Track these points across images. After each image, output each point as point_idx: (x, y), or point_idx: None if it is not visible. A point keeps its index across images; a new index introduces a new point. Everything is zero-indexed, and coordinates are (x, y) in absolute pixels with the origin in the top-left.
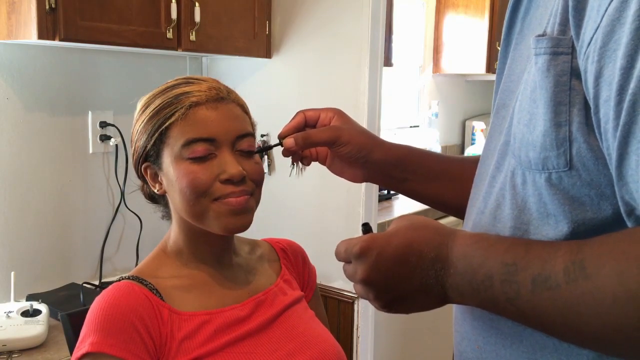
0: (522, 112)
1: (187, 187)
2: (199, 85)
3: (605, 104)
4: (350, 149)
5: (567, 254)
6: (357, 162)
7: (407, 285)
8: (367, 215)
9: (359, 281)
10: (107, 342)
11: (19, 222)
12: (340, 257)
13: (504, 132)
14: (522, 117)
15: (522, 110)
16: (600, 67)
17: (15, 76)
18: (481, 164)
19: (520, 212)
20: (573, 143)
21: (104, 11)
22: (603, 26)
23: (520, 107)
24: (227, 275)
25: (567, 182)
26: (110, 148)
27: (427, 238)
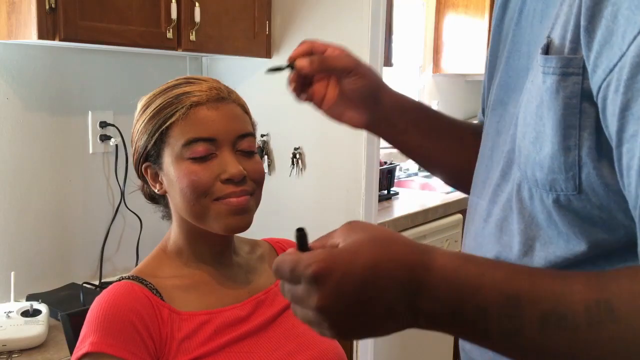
0: (527, 127)
1: (187, 187)
2: (199, 85)
3: (631, 139)
4: (365, 82)
5: (587, 290)
6: (365, 101)
7: (371, 312)
8: (367, 215)
9: (313, 308)
10: (107, 342)
11: (19, 222)
12: (283, 277)
13: (507, 137)
14: (527, 133)
15: (527, 126)
16: (628, 100)
17: (15, 76)
18: (480, 162)
19: (529, 227)
20: (582, 168)
21: (104, 11)
22: (632, 56)
23: (525, 121)
24: (227, 275)
25: (576, 204)
26: (110, 148)
27: (397, 256)
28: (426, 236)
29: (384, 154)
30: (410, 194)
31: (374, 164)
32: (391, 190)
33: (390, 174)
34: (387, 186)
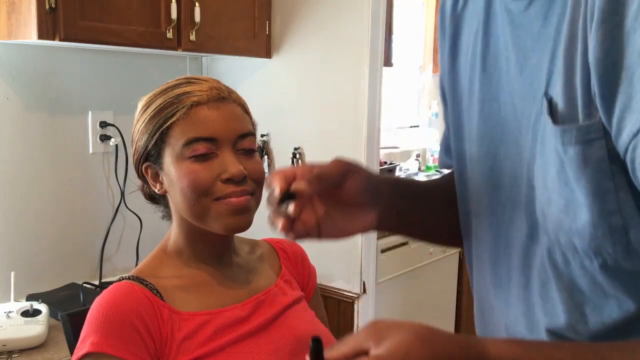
0: (551, 194)
1: (188, 186)
2: (200, 85)
3: None
4: (362, 175)
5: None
6: (369, 196)
7: None
8: None
9: None
10: (107, 342)
11: (19, 222)
12: None
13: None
14: (553, 200)
15: (551, 192)
16: None
17: (15, 76)
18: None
19: (571, 294)
20: (630, 230)
21: (104, 11)
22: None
23: (546, 186)
24: (227, 275)
25: (626, 265)
26: (110, 148)
27: (452, 353)
28: None
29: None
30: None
31: (374, 164)
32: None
33: (390, 173)
34: None
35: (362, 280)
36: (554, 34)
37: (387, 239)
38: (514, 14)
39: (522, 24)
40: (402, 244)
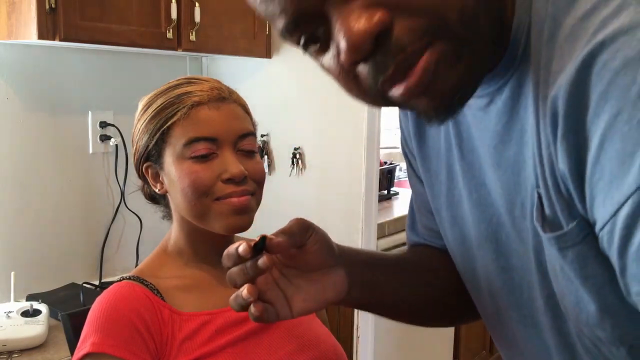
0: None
1: (188, 186)
2: (200, 85)
3: None
4: (323, 234)
5: None
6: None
7: None
8: (367, 215)
9: None
10: (108, 343)
11: (19, 222)
12: None
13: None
14: (565, 294)
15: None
16: (624, 264)
17: (15, 76)
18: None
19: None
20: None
21: (104, 11)
22: None
23: (556, 278)
24: None
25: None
26: (110, 148)
27: None
28: None
29: (384, 154)
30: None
31: (374, 164)
32: (391, 190)
33: (390, 174)
34: (387, 186)
35: None
36: (530, 131)
37: (387, 239)
38: (473, 110)
39: (483, 121)
40: (402, 244)
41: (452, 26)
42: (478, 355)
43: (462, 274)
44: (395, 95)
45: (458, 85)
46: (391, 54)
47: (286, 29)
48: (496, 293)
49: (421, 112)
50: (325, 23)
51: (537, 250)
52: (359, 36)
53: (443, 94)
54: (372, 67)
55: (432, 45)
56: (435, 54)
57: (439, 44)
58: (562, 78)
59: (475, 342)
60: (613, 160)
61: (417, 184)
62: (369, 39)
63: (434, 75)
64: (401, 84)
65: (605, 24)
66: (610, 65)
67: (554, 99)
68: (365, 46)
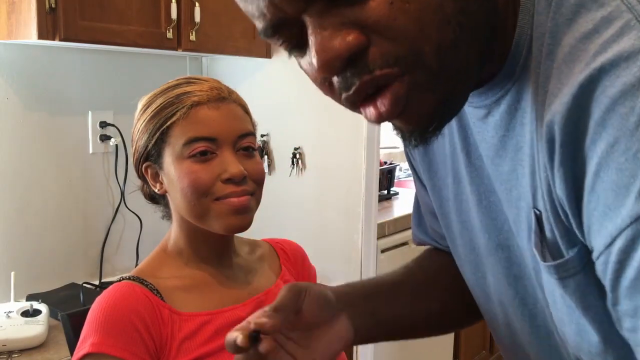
0: (562, 315)
1: (188, 186)
2: (200, 85)
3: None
4: (318, 289)
5: None
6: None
7: None
8: (367, 215)
9: None
10: (107, 343)
11: (19, 222)
12: None
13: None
14: (565, 322)
15: (562, 313)
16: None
17: (15, 76)
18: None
19: None
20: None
21: (104, 11)
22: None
23: (555, 305)
24: (228, 275)
25: None
26: (110, 148)
27: None
28: None
29: (384, 154)
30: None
31: (374, 164)
32: (391, 190)
33: (390, 174)
34: (387, 186)
35: None
36: (526, 149)
37: (387, 239)
38: (474, 118)
39: (482, 131)
40: (402, 244)
41: (427, 59)
42: (478, 355)
43: (470, 281)
44: (367, 116)
45: (432, 112)
46: (360, 74)
47: (264, 33)
48: (508, 302)
49: (397, 131)
50: (303, 28)
51: (535, 270)
52: (330, 56)
53: (416, 119)
54: (340, 81)
55: (402, 77)
56: (405, 85)
57: (411, 75)
58: (558, 103)
59: (475, 342)
60: (608, 191)
61: (421, 190)
62: (339, 60)
63: (407, 104)
64: (372, 107)
65: (605, 47)
66: (609, 92)
67: (550, 125)
68: (335, 65)
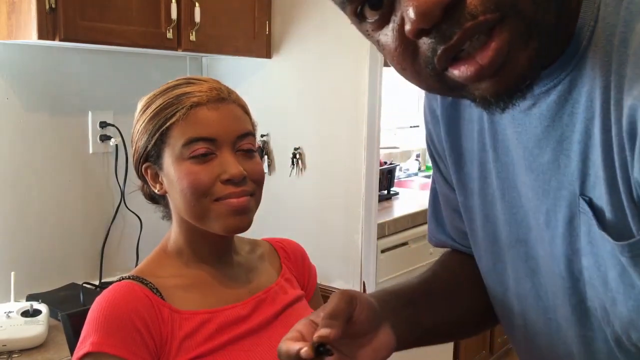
0: (615, 294)
1: (188, 187)
2: (200, 86)
3: None
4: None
5: None
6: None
7: None
8: (367, 215)
9: None
10: (108, 342)
11: (19, 222)
12: None
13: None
14: (618, 300)
15: (615, 293)
16: None
17: (15, 76)
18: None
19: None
20: None
21: (104, 11)
22: None
23: (608, 286)
24: (228, 274)
25: None
26: (110, 148)
27: None
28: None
29: (384, 154)
30: (410, 194)
31: (374, 164)
32: (391, 190)
33: (390, 174)
34: (387, 186)
35: (362, 280)
36: (575, 135)
37: (387, 239)
38: (515, 111)
39: (523, 123)
40: (402, 244)
41: (524, 4)
42: (478, 355)
43: (489, 274)
44: (461, 76)
45: (527, 68)
46: (459, 22)
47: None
48: (524, 296)
49: (478, 98)
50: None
51: (569, 258)
52: (430, 3)
53: (511, 77)
54: (435, 36)
55: (502, 23)
56: (507, 32)
57: (510, 22)
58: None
59: (475, 342)
60: None
61: (444, 185)
62: (440, 8)
63: (506, 56)
64: (470, 64)
65: None
66: None
67: (632, 108)
68: (434, 13)
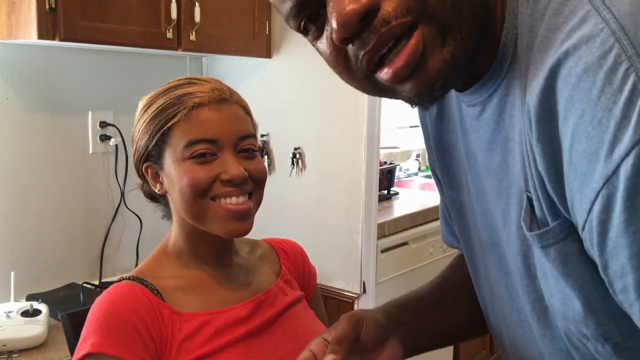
0: (550, 287)
1: (187, 186)
2: (201, 86)
3: (622, 293)
4: (371, 316)
5: None
6: (386, 333)
7: None
8: (367, 215)
9: None
10: (107, 343)
11: (19, 222)
12: None
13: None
14: (553, 293)
15: (550, 286)
16: (605, 261)
17: (15, 76)
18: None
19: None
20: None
21: (104, 11)
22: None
23: (546, 280)
24: (228, 275)
25: (638, 344)
26: (110, 148)
27: None
28: (426, 236)
29: (384, 154)
30: (410, 194)
31: (374, 164)
32: (391, 190)
33: (390, 174)
34: (387, 186)
35: (362, 280)
36: (516, 136)
37: (387, 239)
38: (470, 118)
39: (477, 129)
40: (402, 244)
41: (434, 10)
42: (478, 355)
43: (481, 280)
44: (383, 78)
45: (442, 70)
46: (376, 29)
47: (291, 12)
48: (502, 298)
49: (405, 98)
50: (323, 7)
51: (524, 255)
52: (346, 15)
53: (428, 78)
54: (357, 43)
55: (415, 28)
56: (419, 36)
57: (422, 28)
58: (534, 86)
59: (475, 342)
60: (582, 159)
61: (442, 193)
62: (356, 18)
63: (420, 58)
64: (389, 67)
65: (570, 34)
66: (574, 72)
67: (528, 105)
68: (352, 22)
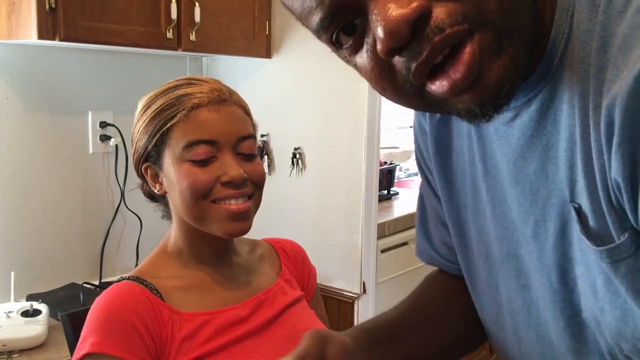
0: (603, 303)
1: (187, 189)
2: (201, 87)
3: None
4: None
5: None
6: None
7: None
8: (367, 215)
9: None
10: (107, 343)
11: (19, 222)
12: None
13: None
14: (606, 309)
15: (603, 302)
16: None
17: (15, 76)
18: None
19: None
20: None
21: (104, 11)
22: None
23: (596, 295)
24: (228, 275)
25: None
26: (110, 148)
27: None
28: None
29: (384, 154)
30: (410, 194)
31: (374, 164)
32: (391, 190)
33: (390, 174)
34: (387, 186)
35: (362, 280)
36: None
37: (387, 239)
38: (497, 124)
39: (506, 135)
40: (402, 244)
41: (492, 15)
42: (478, 355)
43: (482, 292)
44: (438, 91)
45: (505, 77)
46: (428, 37)
47: (321, 24)
48: (516, 312)
49: (463, 111)
50: (361, 16)
51: (562, 268)
52: (396, 22)
53: (489, 88)
54: (407, 54)
55: (471, 36)
56: (477, 44)
57: (479, 35)
58: (618, 87)
59: None
60: None
61: (433, 199)
62: (407, 25)
63: (479, 67)
64: (444, 79)
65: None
66: None
67: (609, 108)
68: (402, 32)
